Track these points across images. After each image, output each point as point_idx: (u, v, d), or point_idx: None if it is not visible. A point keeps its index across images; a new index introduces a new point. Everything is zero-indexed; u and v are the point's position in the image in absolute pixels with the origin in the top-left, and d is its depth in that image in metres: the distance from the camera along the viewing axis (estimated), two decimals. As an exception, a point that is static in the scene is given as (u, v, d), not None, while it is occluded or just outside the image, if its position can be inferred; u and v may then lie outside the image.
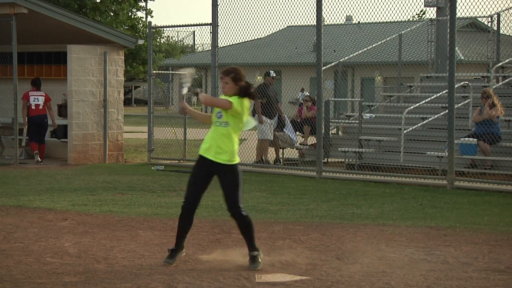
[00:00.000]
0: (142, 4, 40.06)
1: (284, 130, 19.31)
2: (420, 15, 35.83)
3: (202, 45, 50.30)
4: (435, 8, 20.91)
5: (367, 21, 33.39)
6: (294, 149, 19.75)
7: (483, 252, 9.29)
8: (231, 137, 8.28)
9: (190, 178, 8.49)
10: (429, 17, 23.42)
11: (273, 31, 23.58)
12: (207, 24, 19.12)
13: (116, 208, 12.51)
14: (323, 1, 16.84)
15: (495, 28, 20.78)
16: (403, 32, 21.28)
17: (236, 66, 8.45)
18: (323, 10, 16.93)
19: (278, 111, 19.30)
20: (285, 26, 24.35)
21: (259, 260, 8.35)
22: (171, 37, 49.75)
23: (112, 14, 36.41)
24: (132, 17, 39.33)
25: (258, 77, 43.15)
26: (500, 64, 20.05)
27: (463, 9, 16.42)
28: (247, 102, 8.28)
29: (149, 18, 42.20)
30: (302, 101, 33.59)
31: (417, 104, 18.19)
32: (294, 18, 28.44)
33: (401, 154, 16.98)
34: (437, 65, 20.74)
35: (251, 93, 8.28)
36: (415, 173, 16.27)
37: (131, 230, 10.60)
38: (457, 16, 15.37)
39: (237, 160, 8.37)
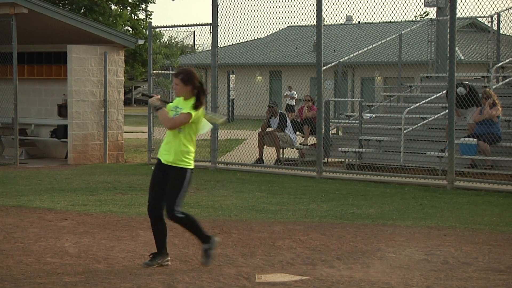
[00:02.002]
0: (143, 6, 40.12)
1: (285, 130, 19.32)
2: (423, 16, 35.83)
3: (202, 45, 50.32)
4: (435, 8, 20.91)
5: (367, 21, 33.41)
6: (294, 149, 19.75)
7: (483, 252, 9.29)
8: (184, 141, 8.29)
9: (150, 183, 8.50)
10: (429, 17, 23.42)
11: (273, 31, 23.60)
12: (207, 24, 19.13)
13: (116, 208, 12.51)
14: (323, 1, 16.84)
15: (495, 28, 20.78)
16: (403, 32, 21.29)
17: (188, 68, 8.51)
18: (323, 10, 16.93)
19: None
20: (285, 26, 24.37)
21: (211, 253, 8.38)
22: (173, 38, 49.81)
23: (111, 18, 36.47)
24: (133, 18, 39.38)
25: (258, 77, 43.19)
26: (500, 64, 20.05)
27: (463, 9, 16.44)
28: (202, 108, 8.31)
29: (149, 19, 42.19)
30: (288, 99, 33.66)
31: (417, 104, 18.19)
32: (294, 18, 28.46)
33: (401, 154, 16.98)
34: (437, 65, 20.75)
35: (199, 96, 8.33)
36: (415, 173, 16.27)
37: (131, 230, 10.61)
38: (457, 16, 15.37)
39: (186, 164, 8.30)
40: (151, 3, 39.75)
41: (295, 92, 34.72)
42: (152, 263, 8.40)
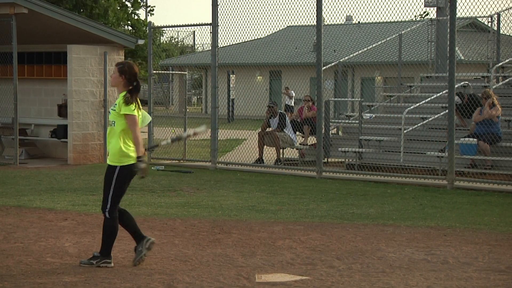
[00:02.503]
0: (143, 3, 40.12)
1: (285, 130, 19.32)
2: (424, 16, 35.85)
3: (202, 45, 50.34)
4: (435, 8, 20.91)
5: (367, 21, 33.43)
6: (294, 149, 19.75)
7: (483, 252, 9.29)
8: (117, 137, 8.33)
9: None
10: (429, 17, 23.43)
11: (273, 31, 23.62)
12: (207, 24, 19.13)
13: (116, 208, 12.50)
14: (323, 1, 16.84)
15: (495, 28, 20.78)
16: (403, 32, 21.29)
17: (129, 61, 8.57)
18: (323, 10, 16.93)
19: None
20: (285, 26, 24.37)
21: (93, 263, 8.37)
22: (174, 38, 49.84)
23: (111, 14, 36.46)
24: (133, 16, 39.39)
25: (258, 77, 43.20)
26: (500, 64, 20.05)
27: (463, 9, 16.44)
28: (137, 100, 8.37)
29: (149, 18, 42.23)
30: (287, 99, 33.64)
31: (417, 104, 18.19)
32: (294, 18, 28.48)
33: (401, 154, 16.98)
34: (437, 65, 20.75)
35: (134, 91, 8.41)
36: (415, 173, 16.27)
37: (131, 230, 10.60)
38: (457, 16, 15.37)
39: (118, 162, 8.31)
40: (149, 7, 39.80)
41: (292, 92, 34.72)
42: (142, 253, 8.46)
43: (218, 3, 18.69)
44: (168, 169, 18.37)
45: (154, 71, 21.52)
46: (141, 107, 8.47)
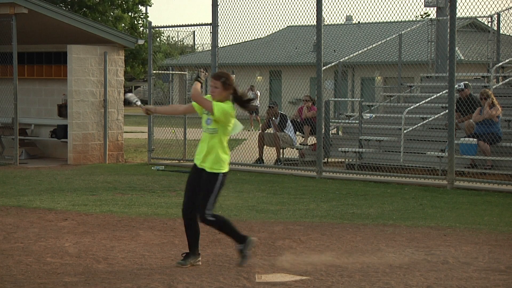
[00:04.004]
0: (141, 7, 40.08)
1: (285, 130, 19.31)
2: (424, 16, 35.87)
3: (202, 45, 50.28)
4: (435, 8, 20.91)
5: (367, 21, 33.43)
6: (294, 149, 19.75)
7: (483, 252, 9.29)
8: (217, 145, 8.31)
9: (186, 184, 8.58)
10: (429, 17, 23.43)
11: (273, 31, 23.60)
12: (207, 24, 19.12)
13: (116, 208, 12.51)
14: (323, 1, 16.85)
15: (495, 28, 20.78)
16: (403, 32, 21.28)
17: (226, 72, 8.53)
18: (323, 10, 16.93)
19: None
20: (285, 26, 24.36)
21: (246, 253, 8.42)
22: (172, 37, 49.80)
23: (112, 18, 36.44)
24: (132, 16, 39.36)
25: (258, 77, 43.22)
26: (500, 64, 20.05)
27: (463, 9, 16.44)
28: (231, 109, 8.30)
29: (148, 18, 42.14)
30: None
31: (417, 104, 18.19)
32: (294, 18, 28.44)
33: (401, 154, 16.98)
34: (437, 65, 20.74)
35: (246, 105, 8.38)
36: (415, 173, 16.27)
37: (131, 230, 10.61)
38: (457, 16, 15.37)
39: (221, 169, 8.35)
40: (147, 5, 39.70)
41: (258, 92, 34.61)
42: (186, 263, 8.43)
43: (218, 3, 18.69)
44: (168, 169, 18.37)
45: (154, 71, 21.50)
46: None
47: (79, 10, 35.02)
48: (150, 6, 40.22)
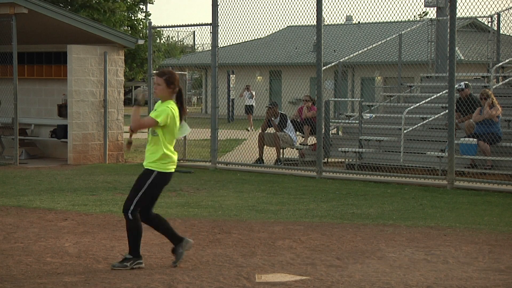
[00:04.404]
0: (142, 6, 40.07)
1: (285, 130, 19.31)
2: (422, 16, 35.87)
3: (202, 45, 50.27)
4: (435, 8, 20.91)
5: (367, 21, 33.43)
6: (294, 149, 19.75)
7: (483, 252, 9.29)
8: (158, 145, 8.34)
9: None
10: (429, 17, 23.42)
11: (273, 31, 23.59)
12: (207, 24, 19.13)
13: (116, 208, 12.50)
14: (323, 1, 16.84)
15: (495, 28, 20.78)
16: (403, 32, 21.28)
17: (170, 70, 8.57)
18: (323, 10, 16.93)
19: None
20: (285, 26, 24.37)
21: (127, 265, 8.30)
22: (171, 37, 49.76)
23: (107, 13, 36.38)
24: (132, 17, 39.35)
25: (258, 77, 43.21)
26: (500, 64, 20.05)
27: (463, 9, 16.43)
28: (176, 111, 8.32)
29: (148, 20, 42.12)
30: (247, 99, 33.46)
31: (417, 104, 18.19)
32: (294, 18, 28.46)
33: (401, 154, 16.98)
34: (437, 65, 20.74)
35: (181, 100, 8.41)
36: (415, 173, 16.27)
37: (131, 230, 10.59)
38: (457, 16, 15.37)
39: (154, 166, 8.39)
40: (149, 3, 39.69)
41: (253, 91, 34.60)
42: (180, 257, 8.47)
43: (218, 3, 18.69)
44: (168, 169, 18.34)
45: (154, 71, 21.50)
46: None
47: (77, 8, 34.96)
48: (152, 3, 40.20)
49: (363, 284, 7.73)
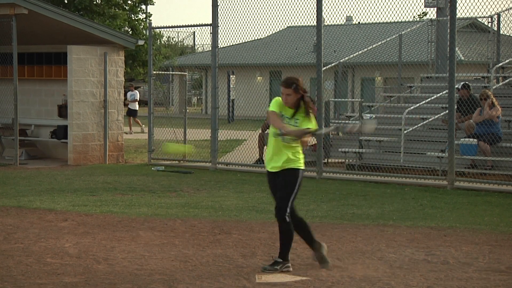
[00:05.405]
0: (142, 7, 40.08)
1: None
2: (421, 16, 35.88)
3: (202, 46, 50.30)
4: (435, 9, 20.91)
5: (367, 22, 33.41)
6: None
7: (484, 253, 9.29)
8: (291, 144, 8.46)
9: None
10: (429, 18, 23.42)
11: (273, 32, 23.61)
12: (207, 25, 19.13)
13: (116, 208, 12.51)
14: (323, 2, 16.85)
15: (495, 29, 20.78)
16: (403, 32, 21.28)
17: (295, 76, 8.49)
18: (323, 11, 16.93)
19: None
20: (285, 26, 24.36)
21: (278, 268, 8.20)
22: (172, 38, 49.79)
23: (107, 20, 36.42)
24: (132, 18, 39.38)
25: (258, 78, 43.20)
26: (500, 64, 20.05)
27: (463, 10, 16.43)
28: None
29: (148, 20, 42.10)
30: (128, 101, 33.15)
31: (417, 105, 18.19)
32: (294, 18, 28.48)
33: (401, 154, 16.98)
34: (437, 66, 20.74)
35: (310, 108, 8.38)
36: (415, 174, 16.27)
37: (132, 230, 10.61)
38: (457, 16, 15.37)
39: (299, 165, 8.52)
40: (150, 4, 39.71)
41: (137, 93, 34.38)
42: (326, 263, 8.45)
43: (218, 4, 18.69)
44: (168, 170, 18.37)
45: (154, 72, 21.51)
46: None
47: (75, 11, 34.98)
48: (153, 4, 40.23)
49: (364, 284, 7.73)
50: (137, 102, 33.83)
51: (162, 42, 44.33)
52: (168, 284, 7.66)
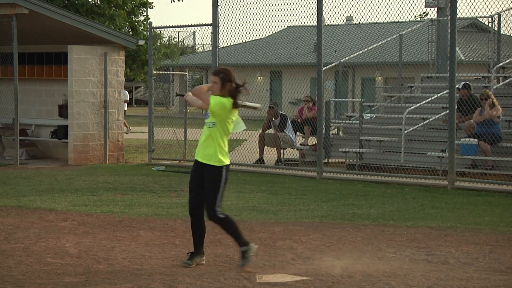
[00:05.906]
0: (143, 9, 40.07)
1: (285, 131, 19.31)
2: (423, 16, 35.86)
3: (203, 46, 50.28)
4: (436, 9, 20.91)
5: (367, 22, 33.41)
6: (295, 149, 19.74)
7: (484, 253, 9.29)
8: (215, 138, 8.30)
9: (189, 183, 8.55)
10: (430, 18, 23.42)
11: (274, 32, 23.59)
12: (207, 25, 19.13)
13: (116, 208, 12.51)
14: (323, 2, 16.85)
15: (496, 28, 20.78)
16: (403, 32, 21.28)
17: (227, 67, 8.53)
18: (323, 11, 16.93)
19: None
20: (286, 26, 24.36)
21: (248, 255, 8.35)
22: (172, 38, 49.77)
23: (106, 21, 36.44)
24: (133, 19, 39.39)
25: (259, 78, 43.23)
26: (500, 64, 20.05)
27: (464, 10, 16.44)
28: (229, 104, 8.28)
29: (148, 20, 42.06)
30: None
31: (418, 105, 18.19)
32: (295, 18, 28.44)
33: (401, 154, 16.98)
34: (438, 65, 20.74)
35: (235, 96, 8.32)
36: (415, 174, 16.27)
37: (132, 230, 10.61)
38: (457, 16, 15.37)
39: (220, 162, 8.33)
40: (149, 8, 39.70)
41: (126, 93, 34.25)
42: (192, 262, 8.45)
43: (219, 4, 18.69)
44: (169, 170, 18.38)
45: (155, 72, 21.51)
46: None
47: (76, 12, 34.98)
48: (152, 8, 40.21)
49: (364, 284, 7.72)
50: (126, 103, 33.75)
51: (163, 42, 44.32)
52: (168, 284, 7.66)
